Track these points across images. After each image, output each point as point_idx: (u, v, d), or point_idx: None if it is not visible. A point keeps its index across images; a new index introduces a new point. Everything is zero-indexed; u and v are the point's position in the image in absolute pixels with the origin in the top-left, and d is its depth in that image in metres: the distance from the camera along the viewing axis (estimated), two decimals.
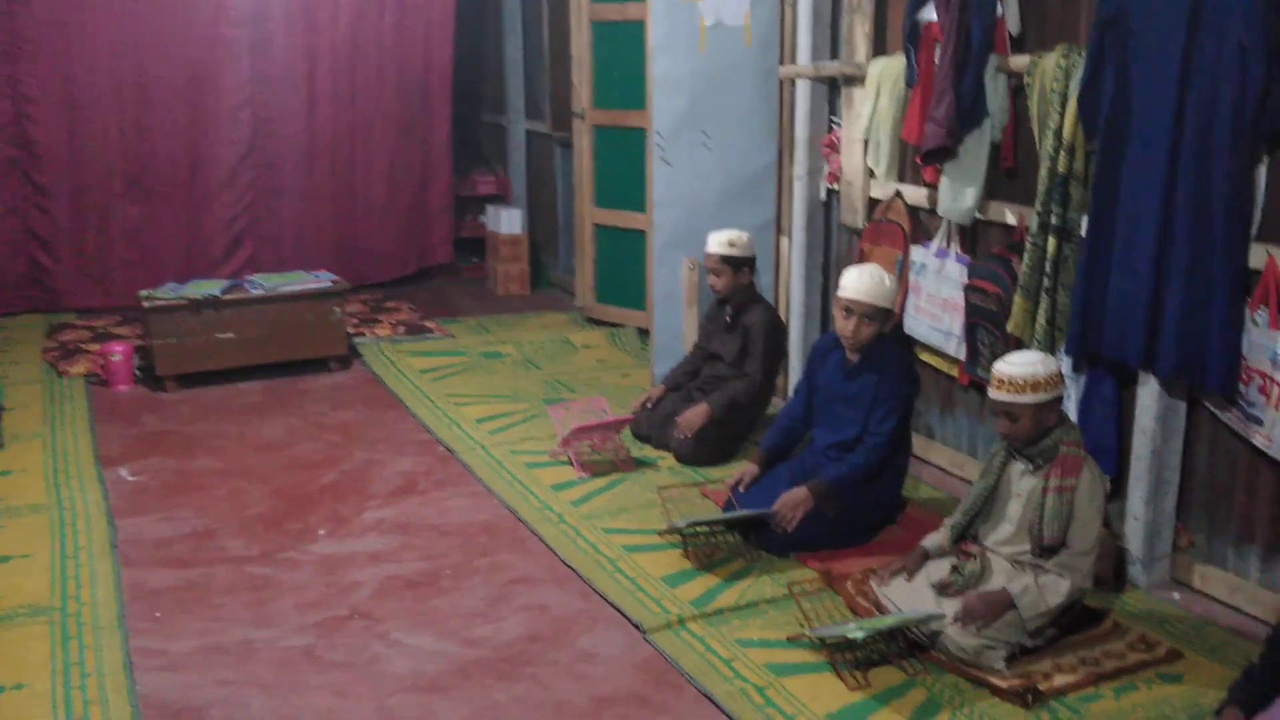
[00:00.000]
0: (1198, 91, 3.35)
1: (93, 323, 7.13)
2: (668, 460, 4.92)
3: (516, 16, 8.60)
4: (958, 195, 4.31)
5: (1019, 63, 4.02)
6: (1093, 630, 3.45)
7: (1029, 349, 3.83)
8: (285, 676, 3.26)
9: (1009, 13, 4.13)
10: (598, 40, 6.85)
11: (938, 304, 4.60)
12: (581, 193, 7.21)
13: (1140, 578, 3.79)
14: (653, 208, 5.68)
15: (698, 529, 4.00)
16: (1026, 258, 3.92)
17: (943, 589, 3.41)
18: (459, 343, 6.90)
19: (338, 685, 3.22)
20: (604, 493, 4.59)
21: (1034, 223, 3.89)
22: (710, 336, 5.18)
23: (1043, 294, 3.89)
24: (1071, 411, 3.92)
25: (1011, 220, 4.26)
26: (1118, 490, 3.89)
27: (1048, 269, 3.86)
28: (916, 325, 4.72)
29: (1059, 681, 3.16)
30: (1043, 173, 3.86)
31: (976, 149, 4.21)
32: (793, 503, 3.96)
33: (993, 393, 3.36)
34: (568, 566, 3.95)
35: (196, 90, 7.47)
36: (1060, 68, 3.77)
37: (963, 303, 4.42)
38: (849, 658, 3.26)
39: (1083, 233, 3.80)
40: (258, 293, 6.10)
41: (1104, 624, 3.50)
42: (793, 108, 5.43)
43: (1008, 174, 4.29)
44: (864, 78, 4.84)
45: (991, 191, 4.31)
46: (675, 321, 5.73)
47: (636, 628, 3.51)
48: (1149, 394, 3.71)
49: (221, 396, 5.86)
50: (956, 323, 4.50)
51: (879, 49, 4.90)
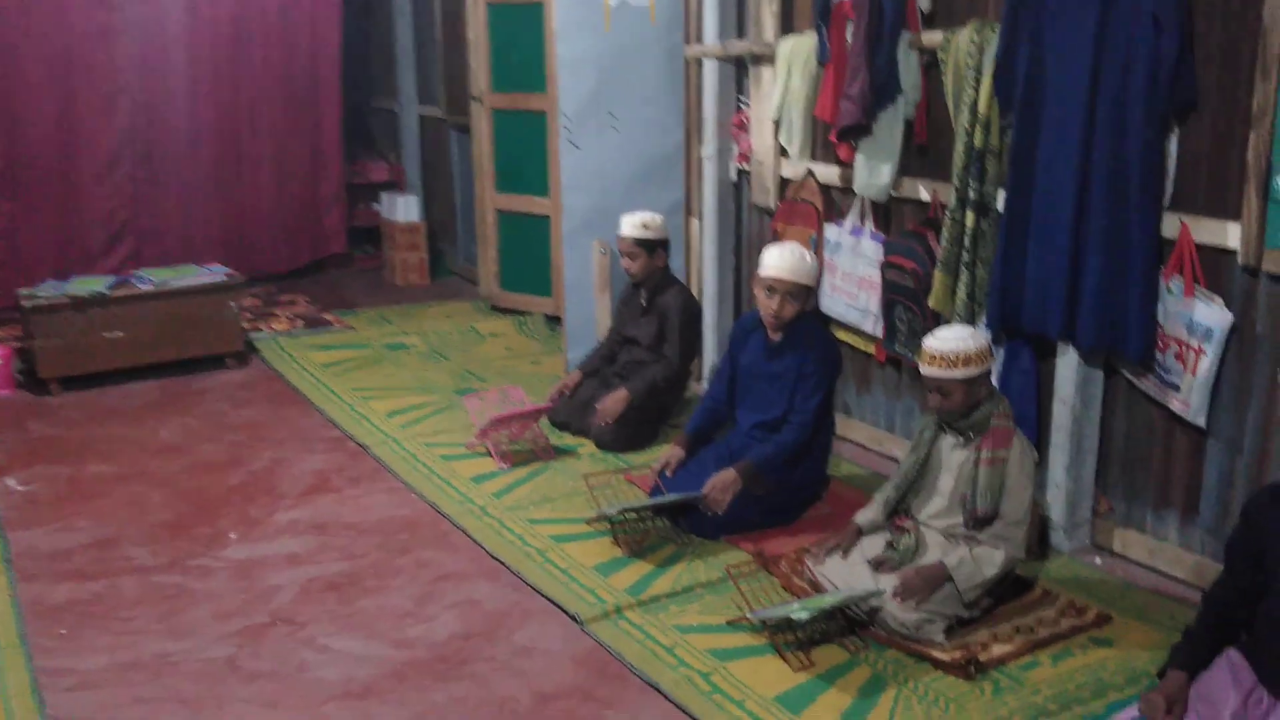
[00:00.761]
0: (1111, 64, 3.40)
1: None
2: (588, 447, 4.85)
3: None
4: (873, 172, 4.32)
5: (932, 39, 4.04)
6: (1024, 598, 3.51)
7: (951, 324, 3.86)
8: (209, 689, 3.10)
9: None
10: (495, 22, 6.70)
11: (854, 282, 4.62)
12: (482, 178, 7.06)
13: (1063, 544, 3.86)
14: (561, 192, 5.58)
15: (627, 515, 3.95)
16: (945, 233, 3.95)
17: (879, 565, 3.41)
18: (361, 335, 6.70)
19: (266, 696, 3.07)
20: (526, 483, 4.49)
21: (952, 198, 3.92)
22: (626, 321, 5.11)
23: (962, 269, 3.92)
24: None
25: (926, 197, 4.30)
26: (1039, 459, 3.95)
27: (966, 244, 3.89)
28: (833, 304, 4.73)
29: (998, 651, 3.19)
30: (959, 148, 3.89)
31: (891, 126, 4.22)
32: (722, 485, 3.93)
33: (924, 369, 3.37)
34: (496, 560, 3.85)
35: (70, 75, 7.04)
36: (974, 43, 3.80)
37: (879, 280, 4.44)
38: (791, 639, 3.24)
39: (1000, 207, 3.84)
40: (147, 288, 5.82)
41: (1034, 591, 3.55)
42: (700, 88, 5.39)
43: (920, 150, 4.31)
44: (773, 56, 4.82)
45: (905, 168, 4.33)
46: (587, 307, 5.65)
47: (573, 619, 3.43)
48: (1068, 364, 3.77)
49: (112, 399, 5.57)
50: (873, 300, 4.52)
51: (787, 27, 4.88)
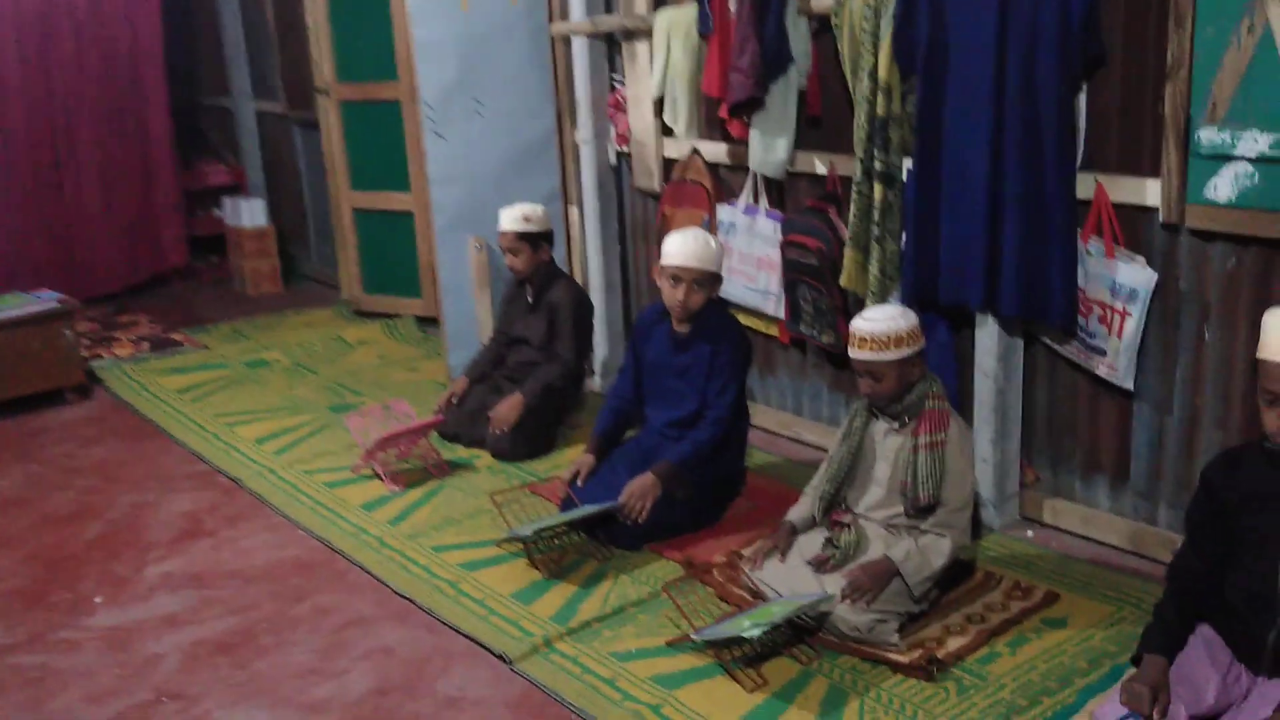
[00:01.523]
0: (1019, 19, 3.24)
1: None
2: (484, 459, 4.52)
3: None
4: (769, 148, 4.10)
5: (822, 4, 3.84)
6: (967, 584, 3.36)
7: (874, 304, 3.68)
8: None
9: None
10: (336, 8, 6.24)
11: (752, 263, 4.41)
12: (335, 176, 6.60)
13: (993, 520, 3.74)
14: (429, 186, 5.20)
15: (542, 534, 3.65)
16: (853, 207, 3.76)
17: (820, 565, 3.21)
18: (216, 353, 6.17)
19: None
20: (423, 505, 4.14)
21: (856, 170, 3.73)
22: (512, 320, 4.80)
23: (873, 244, 3.74)
24: None
25: (822, 170, 4.11)
26: None
27: (876, 218, 3.72)
28: (731, 286, 4.50)
29: (954, 646, 3.03)
30: (860, 118, 3.70)
31: (785, 98, 4.01)
32: (640, 491, 3.67)
33: (854, 353, 3.18)
34: (403, 598, 3.51)
35: None
36: (869, 6, 3.60)
37: (779, 260, 4.25)
38: (738, 654, 3.02)
39: (906, 176, 3.68)
40: None
41: (976, 575, 3.42)
42: (570, 68, 5.08)
43: (814, 122, 4.12)
44: (648, 30, 4.56)
45: (799, 141, 4.13)
46: (467, 307, 5.29)
47: (501, 659, 3.12)
48: (988, 335, 3.64)
49: None
50: (774, 281, 4.33)
51: None
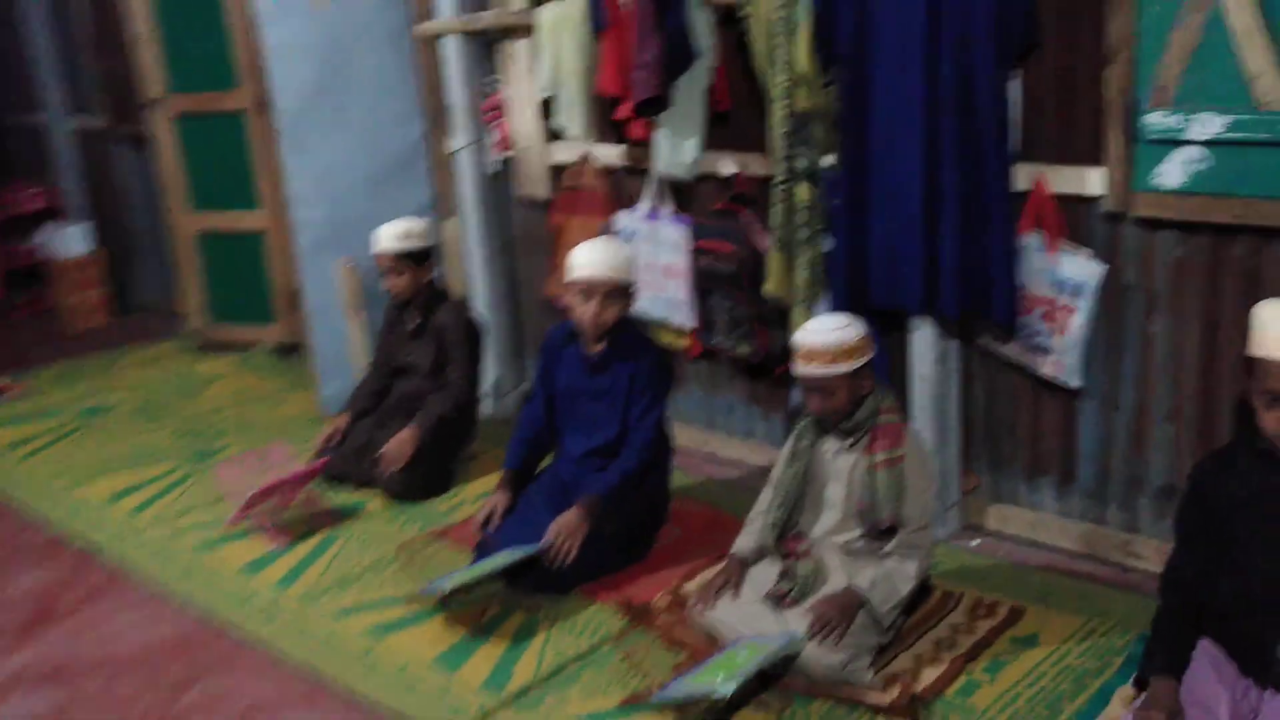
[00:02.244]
0: (952, 2, 3.06)
1: None
2: (375, 501, 4.09)
3: None
4: (677, 148, 3.82)
5: None
6: (926, 605, 3.16)
7: (795, 309, 3.45)
8: None
9: None
10: (165, 13, 5.66)
11: (658, 271, 4.13)
12: (171, 196, 6.00)
13: (937, 531, 3.55)
14: (289, 203, 4.72)
15: (457, 589, 3.26)
16: (779, 209, 3.51)
17: (778, 600, 2.95)
18: (45, 400, 5.50)
19: None
20: (314, 561, 3.69)
21: (779, 170, 3.48)
22: (394, 348, 4.37)
23: (800, 246, 3.50)
24: None
25: (729, 170, 3.86)
26: None
27: (803, 219, 3.48)
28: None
29: (930, 678, 2.81)
30: (778, 114, 3.45)
31: (691, 95, 3.73)
32: (567, 529, 3.34)
33: (802, 369, 2.92)
34: (309, 674, 3.08)
35: None
36: None
37: (687, 267, 3.97)
38: (705, 708, 2.72)
39: (831, 174, 3.46)
40: None
41: (934, 595, 3.21)
42: (441, 71, 4.69)
43: (719, 119, 3.87)
44: (529, 27, 4.22)
45: (704, 141, 3.87)
46: (338, 334, 4.83)
47: None
48: (924, 339, 3.45)
49: None
50: (682, 289, 4.05)
51: None
